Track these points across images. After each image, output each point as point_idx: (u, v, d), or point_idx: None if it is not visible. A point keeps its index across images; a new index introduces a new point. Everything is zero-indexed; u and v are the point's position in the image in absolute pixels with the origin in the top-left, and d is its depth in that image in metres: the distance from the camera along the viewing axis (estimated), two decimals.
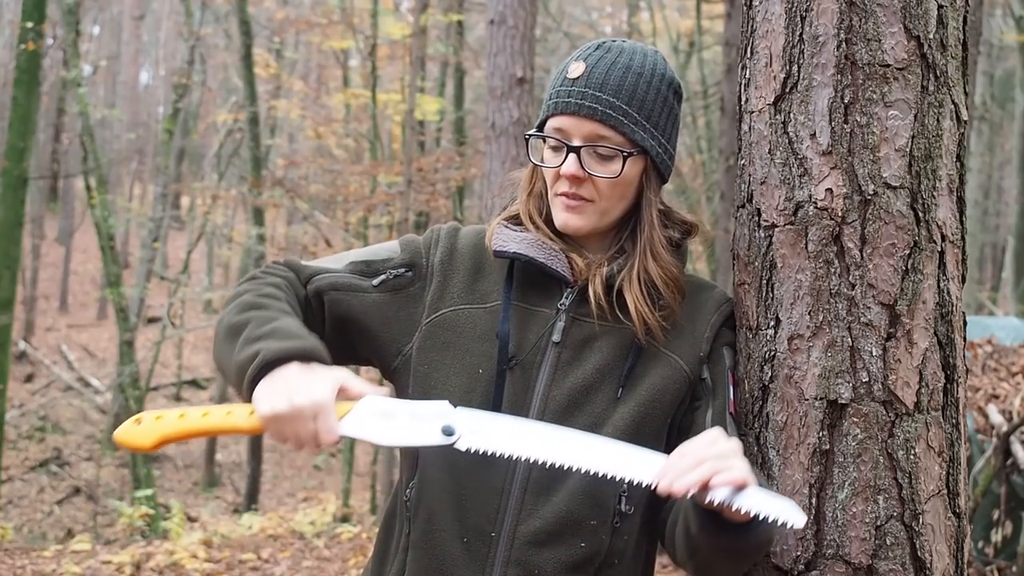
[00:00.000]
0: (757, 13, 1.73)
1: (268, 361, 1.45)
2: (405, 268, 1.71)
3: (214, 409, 1.49)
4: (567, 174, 1.61)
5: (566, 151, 1.62)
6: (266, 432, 1.45)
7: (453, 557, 1.57)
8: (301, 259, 1.76)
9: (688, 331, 1.67)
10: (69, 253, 25.90)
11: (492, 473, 1.57)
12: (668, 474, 1.38)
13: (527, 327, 1.63)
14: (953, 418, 1.66)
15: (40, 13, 10.90)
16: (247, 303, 1.60)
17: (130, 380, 13.31)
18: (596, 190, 1.63)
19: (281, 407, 1.42)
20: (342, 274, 1.70)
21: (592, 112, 1.60)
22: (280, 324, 1.53)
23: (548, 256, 1.65)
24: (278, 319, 1.55)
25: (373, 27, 14.68)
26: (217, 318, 1.64)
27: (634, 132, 1.62)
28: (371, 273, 1.70)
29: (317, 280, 1.69)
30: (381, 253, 1.74)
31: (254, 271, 1.73)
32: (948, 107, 1.65)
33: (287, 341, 1.48)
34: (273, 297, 1.62)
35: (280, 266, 1.73)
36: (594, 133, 1.61)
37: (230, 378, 1.53)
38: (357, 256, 1.74)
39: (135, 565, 7.32)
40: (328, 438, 1.43)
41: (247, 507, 13.79)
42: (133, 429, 1.46)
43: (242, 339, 1.52)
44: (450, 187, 13.44)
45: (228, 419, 1.47)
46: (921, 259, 1.62)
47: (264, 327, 1.52)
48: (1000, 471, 5.25)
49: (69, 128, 22.98)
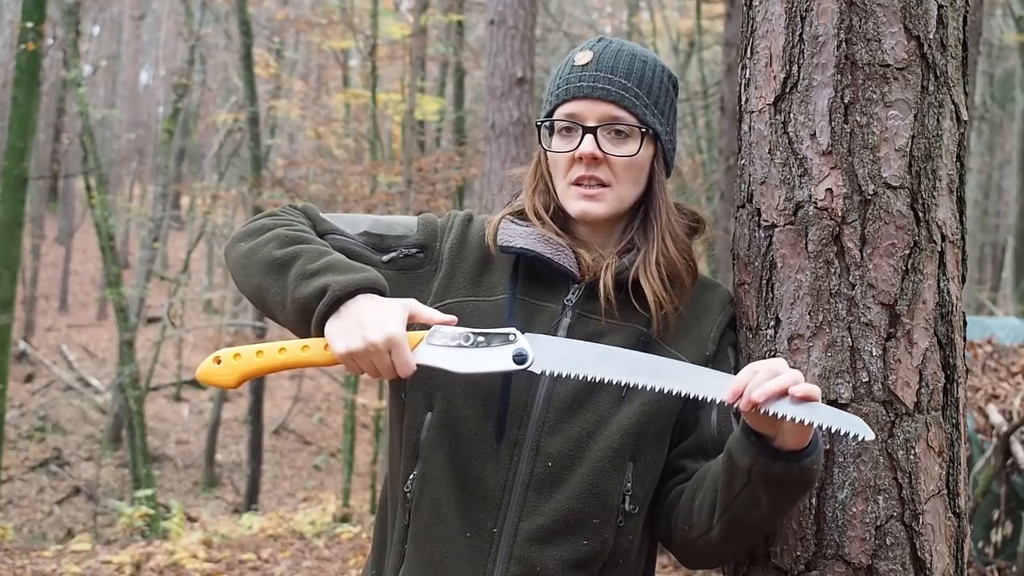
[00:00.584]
0: (757, 13, 1.73)
1: (339, 296, 1.47)
2: (417, 249, 1.70)
3: (290, 344, 1.51)
4: (584, 154, 1.61)
5: (581, 133, 1.62)
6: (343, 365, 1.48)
7: (455, 551, 1.56)
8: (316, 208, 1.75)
9: (694, 330, 1.67)
10: (69, 253, 25.90)
11: (495, 468, 1.57)
12: (745, 386, 1.40)
13: (532, 322, 1.63)
14: (953, 418, 1.66)
15: (40, 13, 10.89)
16: (288, 236, 1.59)
17: (130, 380, 13.30)
18: (612, 172, 1.63)
19: (356, 345, 1.44)
20: (354, 242, 1.69)
21: (606, 93, 1.62)
22: (336, 258, 1.54)
23: (555, 251, 1.64)
24: (330, 253, 1.56)
25: (373, 27, 14.67)
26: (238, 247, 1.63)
27: (646, 114, 1.64)
28: (383, 248, 1.69)
29: (330, 239, 1.67)
30: (397, 228, 1.72)
31: (271, 209, 1.71)
32: (948, 107, 1.65)
33: (352, 274, 1.50)
34: (310, 234, 1.63)
35: (298, 211, 1.71)
36: (608, 114, 1.62)
37: (284, 311, 1.53)
38: (372, 227, 1.72)
39: (135, 565, 7.32)
40: (405, 371, 1.46)
41: (247, 507, 13.79)
42: (214, 368, 1.49)
43: (295, 272, 1.52)
44: (450, 187, 13.42)
45: (304, 354, 1.50)
46: (921, 259, 1.62)
47: (319, 261, 1.53)
48: (1000, 471, 5.25)
49: (69, 128, 22.96)
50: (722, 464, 1.50)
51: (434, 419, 1.59)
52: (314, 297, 1.48)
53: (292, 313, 1.51)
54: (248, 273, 1.60)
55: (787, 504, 1.53)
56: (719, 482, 1.50)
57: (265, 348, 1.51)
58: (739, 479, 1.46)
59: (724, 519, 1.50)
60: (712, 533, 1.53)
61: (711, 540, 1.54)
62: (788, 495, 1.49)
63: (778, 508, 1.51)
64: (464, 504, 1.57)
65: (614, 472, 1.56)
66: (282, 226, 1.62)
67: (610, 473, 1.56)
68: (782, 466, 1.43)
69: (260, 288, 1.57)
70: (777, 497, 1.47)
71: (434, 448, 1.59)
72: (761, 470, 1.43)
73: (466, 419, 1.58)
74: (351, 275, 1.49)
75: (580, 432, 1.57)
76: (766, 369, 1.41)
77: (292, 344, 1.51)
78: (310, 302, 1.48)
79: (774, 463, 1.42)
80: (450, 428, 1.59)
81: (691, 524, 1.56)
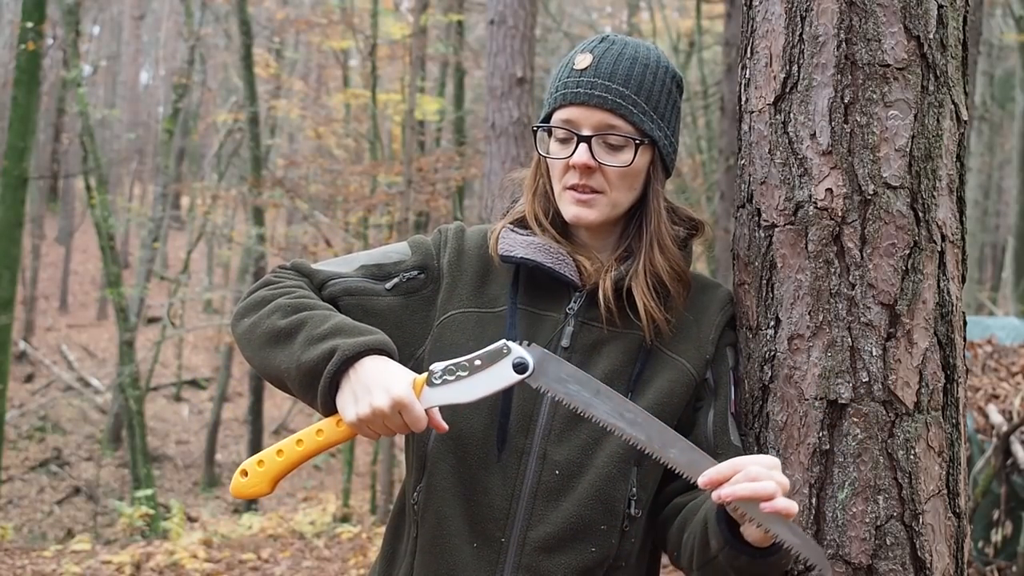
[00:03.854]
0: (757, 13, 1.73)
1: (348, 356, 1.45)
2: (417, 271, 1.69)
3: (305, 435, 1.51)
4: (578, 163, 1.60)
5: (576, 141, 1.61)
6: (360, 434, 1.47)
7: (463, 562, 1.56)
8: (307, 261, 1.74)
9: (694, 333, 1.67)
10: (69, 253, 25.89)
11: (502, 478, 1.56)
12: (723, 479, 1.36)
13: (535, 332, 1.62)
14: (953, 418, 1.66)
15: (40, 13, 10.89)
16: (290, 305, 1.58)
17: (130, 380, 13.30)
18: (606, 180, 1.62)
19: (365, 412, 1.43)
20: (355, 278, 1.68)
21: (602, 101, 1.60)
22: (342, 320, 1.54)
23: (556, 261, 1.64)
24: (334, 316, 1.55)
25: (373, 27, 14.66)
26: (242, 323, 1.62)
27: (643, 122, 1.61)
28: (383, 276, 1.69)
29: (331, 286, 1.67)
30: (392, 256, 1.72)
31: (266, 276, 1.70)
32: (948, 107, 1.65)
33: (359, 336, 1.49)
34: (312, 298, 1.62)
35: (290, 271, 1.71)
36: (604, 122, 1.60)
37: (292, 378, 1.52)
38: (368, 259, 1.72)
39: (135, 565, 7.32)
40: (418, 427, 1.45)
41: (247, 507, 13.77)
42: (243, 482, 1.51)
43: (302, 338, 1.51)
44: (450, 187, 13.42)
45: (320, 438, 1.50)
46: (921, 259, 1.62)
47: (326, 325, 1.52)
48: (1000, 471, 5.25)
49: (69, 128, 22.96)
50: (699, 528, 1.50)
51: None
52: (322, 360, 1.47)
53: (300, 378, 1.50)
54: (255, 347, 1.58)
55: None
56: (697, 540, 1.50)
57: (284, 446, 1.51)
58: (711, 552, 1.46)
59: (703, 572, 1.51)
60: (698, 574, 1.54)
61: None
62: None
63: None
64: (471, 514, 1.57)
65: (620, 478, 1.56)
66: (282, 295, 1.61)
67: (616, 479, 1.56)
68: (746, 559, 1.42)
69: (268, 360, 1.56)
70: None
71: (440, 459, 1.58)
72: (728, 557, 1.43)
73: (472, 429, 1.58)
74: (359, 337, 1.48)
75: (586, 439, 1.57)
76: (748, 472, 1.35)
77: (306, 433, 1.51)
78: (318, 365, 1.47)
79: (739, 555, 1.42)
80: (456, 439, 1.58)
81: (679, 553, 1.57)
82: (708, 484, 1.37)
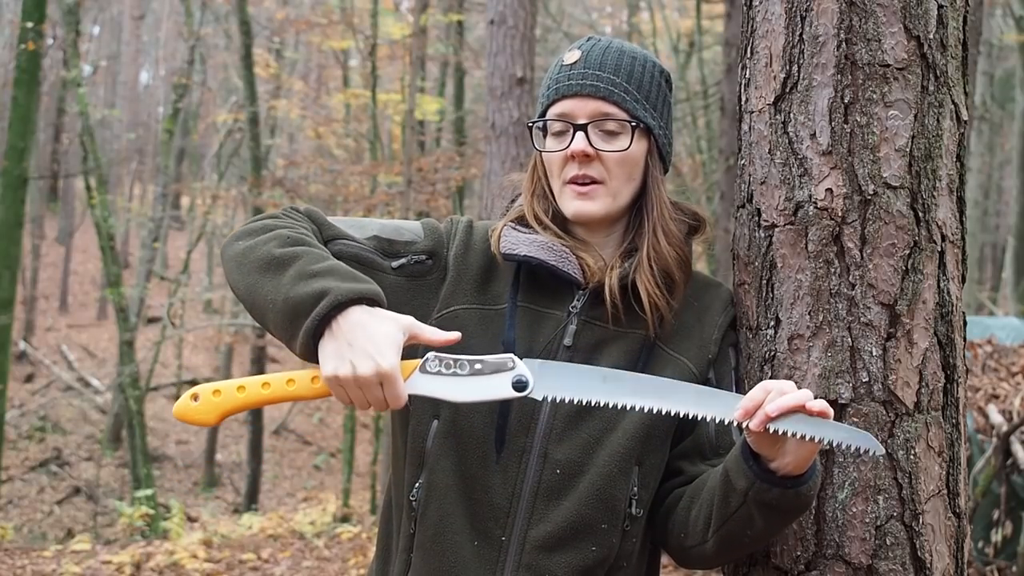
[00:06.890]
0: (757, 13, 1.73)
1: (339, 301, 1.38)
2: (426, 256, 1.67)
3: (274, 379, 1.44)
4: (576, 151, 1.60)
5: (572, 131, 1.62)
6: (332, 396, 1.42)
7: (463, 560, 1.55)
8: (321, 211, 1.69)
9: (696, 332, 1.66)
10: (69, 253, 25.90)
11: (503, 476, 1.56)
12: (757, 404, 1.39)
13: (537, 330, 1.62)
14: (953, 418, 1.66)
15: (40, 13, 10.90)
16: (290, 237, 1.52)
17: (130, 380, 13.30)
18: (605, 168, 1.62)
19: (346, 373, 1.37)
20: (364, 247, 1.64)
21: (594, 90, 1.61)
22: (339, 264, 1.48)
23: (559, 259, 1.63)
24: (331, 258, 1.50)
25: (373, 27, 14.67)
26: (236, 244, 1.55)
27: (636, 109, 1.63)
28: (392, 254, 1.65)
29: (339, 244, 1.62)
30: (404, 234, 1.68)
31: (273, 211, 1.64)
32: (948, 107, 1.65)
33: (353, 283, 1.42)
34: (314, 239, 1.57)
35: (301, 214, 1.65)
36: (598, 110, 1.62)
37: (274, 310, 1.44)
38: (380, 231, 1.68)
39: (135, 565, 7.32)
40: (396, 404, 1.40)
41: (247, 507, 13.79)
42: (191, 405, 1.43)
43: (294, 271, 1.45)
44: (450, 187, 13.42)
45: (289, 388, 1.43)
46: (921, 259, 1.62)
47: (321, 263, 1.46)
48: (1000, 471, 5.25)
49: (69, 128, 22.98)
50: (719, 482, 1.49)
51: (441, 427, 1.58)
52: (311, 299, 1.40)
53: (284, 312, 1.42)
54: (243, 270, 1.51)
55: (782, 525, 1.53)
56: (715, 498, 1.50)
57: (247, 383, 1.43)
58: (735, 499, 1.46)
59: (719, 534, 1.51)
60: (707, 545, 1.54)
61: (705, 551, 1.55)
62: (783, 518, 1.50)
63: (772, 528, 1.52)
64: (471, 513, 1.56)
65: (621, 477, 1.56)
66: (285, 227, 1.56)
67: (617, 478, 1.56)
68: (778, 492, 1.43)
69: (253, 285, 1.49)
70: (772, 519, 1.47)
71: (440, 457, 1.57)
72: (757, 494, 1.43)
73: (473, 428, 1.57)
74: (353, 283, 1.42)
75: (587, 438, 1.56)
76: (779, 387, 1.40)
77: (276, 378, 1.43)
78: (305, 303, 1.40)
79: (771, 488, 1.42)
80: (457, 437, 1.57)
81: (687, 533, 1.56)
82: (745, 415, 1.39)
